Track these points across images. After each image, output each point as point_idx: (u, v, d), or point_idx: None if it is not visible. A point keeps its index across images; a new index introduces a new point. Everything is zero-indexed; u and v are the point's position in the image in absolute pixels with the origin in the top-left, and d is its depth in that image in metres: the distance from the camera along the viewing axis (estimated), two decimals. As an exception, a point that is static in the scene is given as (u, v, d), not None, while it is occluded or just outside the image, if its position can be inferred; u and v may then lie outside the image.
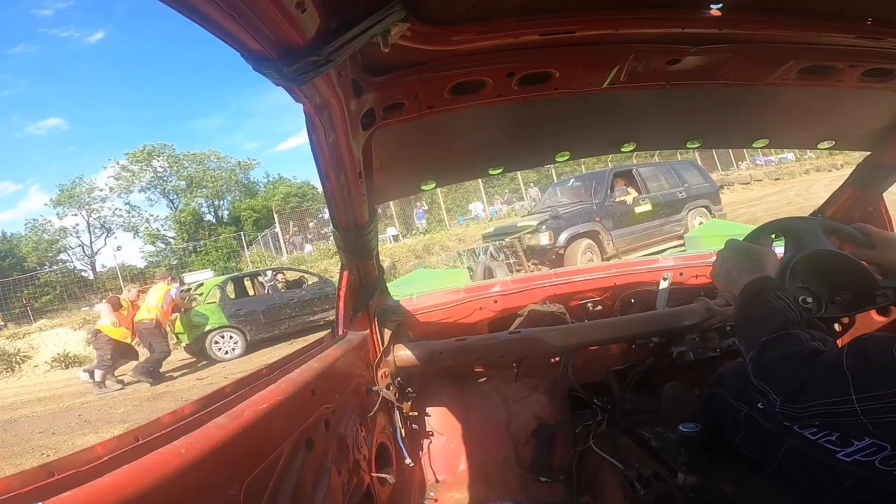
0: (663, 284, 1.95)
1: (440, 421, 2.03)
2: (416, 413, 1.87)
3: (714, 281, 1.14)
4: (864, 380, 0.77)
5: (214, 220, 33.08)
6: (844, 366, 0.79)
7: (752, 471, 1.15)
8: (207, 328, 9.66)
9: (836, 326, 1.73)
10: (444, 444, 2.02)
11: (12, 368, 12.55)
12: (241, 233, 25.01)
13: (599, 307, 2.11)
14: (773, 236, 1.21)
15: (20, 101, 42.27)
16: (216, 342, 9.75)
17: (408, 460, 1.60)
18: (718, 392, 1.29)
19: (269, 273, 12.15)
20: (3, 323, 18.08)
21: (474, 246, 11.67)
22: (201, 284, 11.20)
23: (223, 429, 0.72)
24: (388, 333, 1.72)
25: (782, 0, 0.95)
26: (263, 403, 0.84)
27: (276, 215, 21.04)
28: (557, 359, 2.02)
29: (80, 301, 21.90)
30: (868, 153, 1.58)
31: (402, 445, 1.62)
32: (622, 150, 1.57)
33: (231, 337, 9.92)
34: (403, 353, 1.73)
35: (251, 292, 11.53)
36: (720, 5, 0.90)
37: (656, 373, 1.93)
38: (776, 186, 20.81)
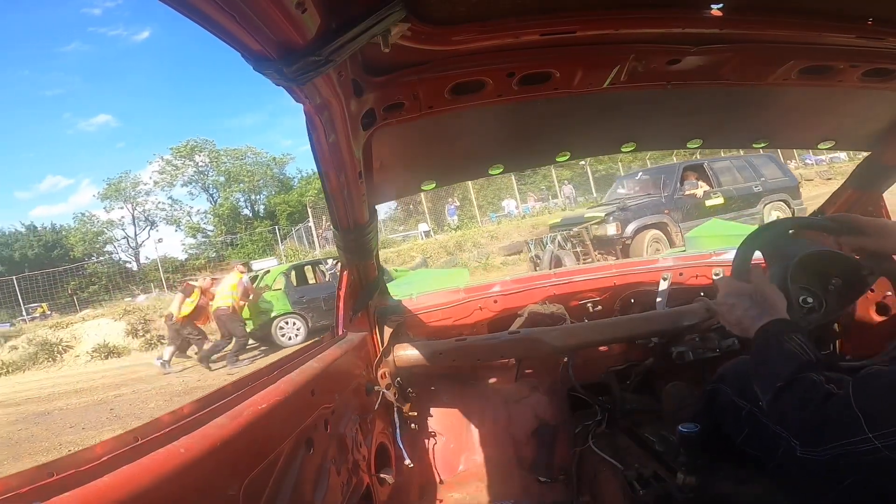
0: (663, 284, 1.95)
1: (440, 421, 2.03)
2: (416, 413, 1.87)
3: (727, 328, 1.13)
4: (874, 416, 0.76)
5: (251, 214, 33.39)
6: (853, 405, 0.79)
7: (752, 470, 1.15)
8: (273, 314, 9.88)
9: (837, 327, 1.73)
10: (444, 445, 2.02)
11: (54, 358, 12.53)
12: (276, 226, 25.19)
13: (599, 307, 2.11)
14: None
15: (72, 99, 43.08)
16: (280, 328, 9.96)
17: (407, 461, 1.60)
18: (720, 388, 1.28)
19: (331, 261, 12.22)
20: (49, 312, 18.32)
21: (542, 235, 11.79)
22: (268, 272, 11.41)
23: (223, 429, 0.72)
24: (388, 333, 1.72)
25: (783, 0, 0.95)
26: (263, 403, 0.84)
27: (309, 210, 21.00)
28: (558, 359, 2.02)
29: (124, 292, 22.21)
30: (868, 153, 1.58)
31: (401, 446, 1.62)
32: (622, 150, 1.57)
33: (294, 323, 10.09)
34: (403, 353, 1.73)
35: (311, 280, 11.70)
36: (720, 5, 0.90)
37: (656, 373, 1.92)
38: (828, 186, 19.51)
